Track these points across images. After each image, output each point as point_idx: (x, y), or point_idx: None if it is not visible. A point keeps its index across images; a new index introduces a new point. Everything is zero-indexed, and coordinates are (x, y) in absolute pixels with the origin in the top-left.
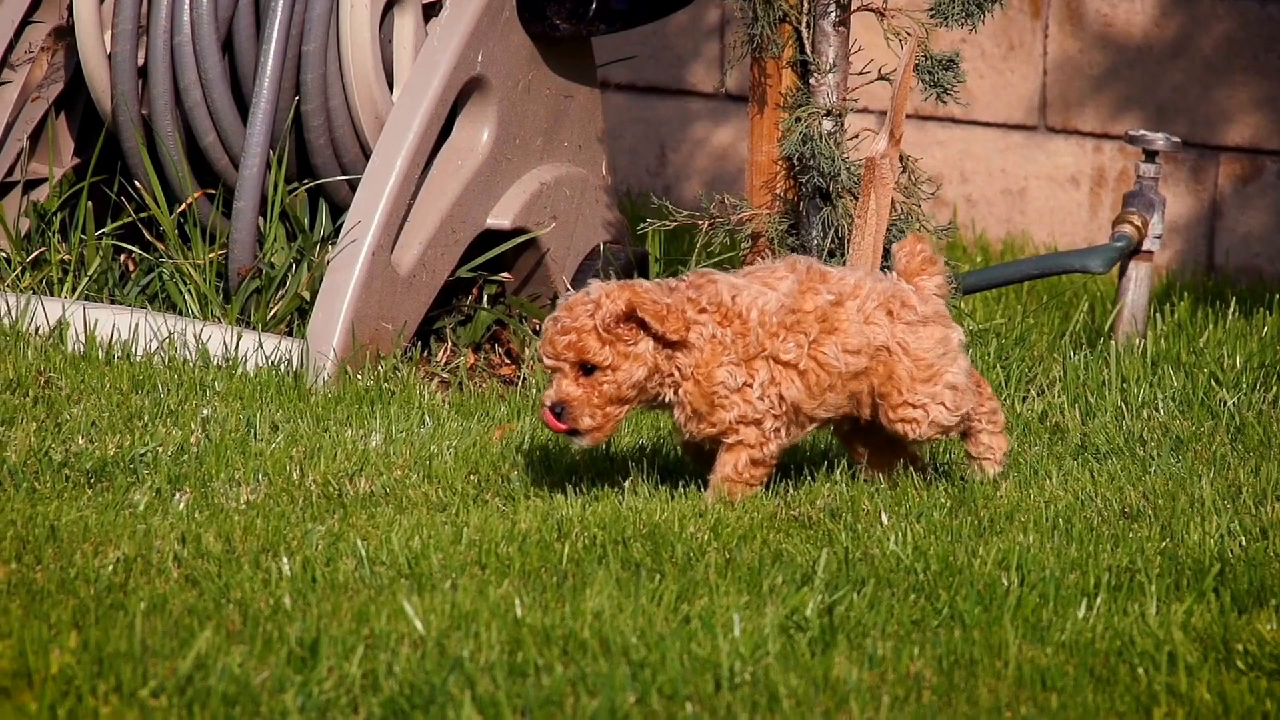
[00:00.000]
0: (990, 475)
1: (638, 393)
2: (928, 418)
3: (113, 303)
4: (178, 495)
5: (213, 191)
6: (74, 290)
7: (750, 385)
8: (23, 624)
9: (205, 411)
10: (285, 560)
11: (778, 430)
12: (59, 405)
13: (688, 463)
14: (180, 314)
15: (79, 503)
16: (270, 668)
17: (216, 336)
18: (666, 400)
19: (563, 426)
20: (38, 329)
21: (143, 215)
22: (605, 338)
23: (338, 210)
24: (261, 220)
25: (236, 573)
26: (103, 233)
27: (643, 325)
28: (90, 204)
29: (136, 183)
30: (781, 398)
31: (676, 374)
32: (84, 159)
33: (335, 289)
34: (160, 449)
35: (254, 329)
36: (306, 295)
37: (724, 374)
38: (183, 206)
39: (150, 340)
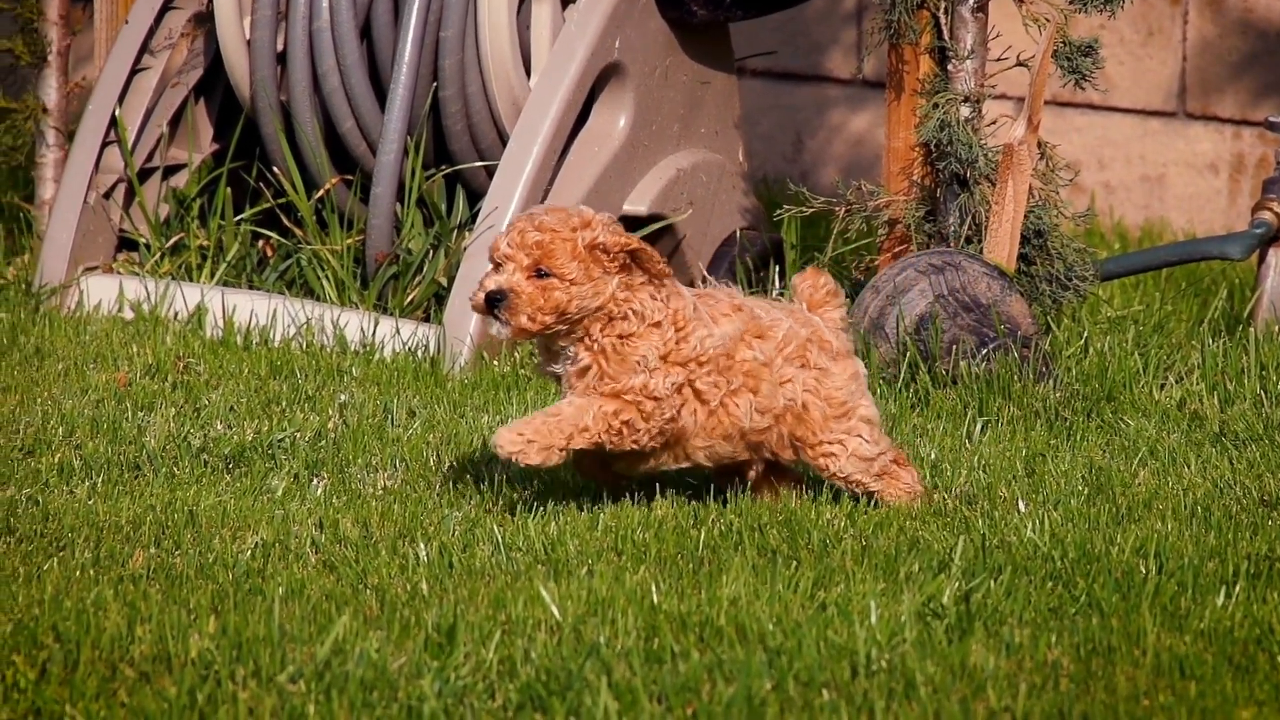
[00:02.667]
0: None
1: (579, 317)
2: (846, 451)
3: (251, 288)
4: (315, 481)
5: (350, 178)
6: (212, 276)
7: (660, 370)
8: (162, 609)
9: (343, 397)
10: (422, 546)
11: (666, 417)
12: (198, 390)
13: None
14: (318, 300)
15: (217, 488)
16: (407, 653)
17: (354, 322)
18: (577, 351)
19: (490, 313)
20: (176, 314)
21: (281, 201)
22: (578, 253)
23: (475, 196)
24: (399, 206)
25: (374, 558)
26: (241, 218)
27: (636, 261)
28: (229, 190)
29: (275, 169)
30: (675, 393)
31: (625, 315)
32: (223, 145)
33: (472, 275)
34: (298, 434)
35: (391, 315)
36: (444, 281)
37: (646, 348)
38: (320, 192)
39: (288, 326)
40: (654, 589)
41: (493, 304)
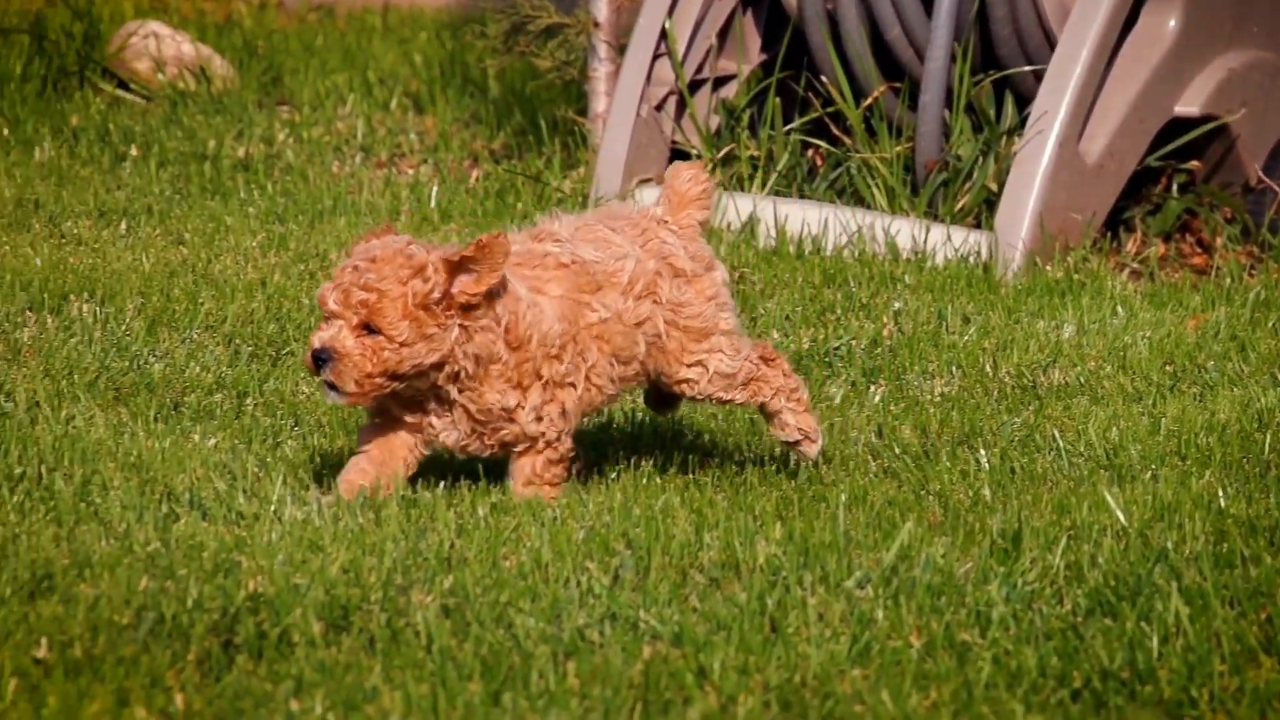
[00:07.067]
0: (811, 456)
1: (415, 376)
2: (707, 373)
3: (801, 198)
4: (873, 388)
5: (898, 85)
6: (763, 186)
7: (523, 407)
8: (729, 516)
9: (896, 305)
10: (983, 452)
11: (564, 433)
12: (753, 300)
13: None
14: (868, 208)
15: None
16: (973, 559)
17: (905, 230)
18: (438, 397)
19: (317, 375)
20: (729, 224)
21: (829, 110)
22: (409, 311)
23: (1023, 101)
24: (947, 113)
25: (934, 465)
26: (790, 128)
27: (472, 268)
28: (778, 100)
29: (823, 78)
30: (563, 413)
31: (464, 370)
32: (770, 55)
33: (1022, 180)
34: (853, 342)
35: (942, 222)
36: (994, 187)
37: (495, 397)
38: (868, 101)
39: (839, 234)
40: (1220, 494)
41: (319, 363)
